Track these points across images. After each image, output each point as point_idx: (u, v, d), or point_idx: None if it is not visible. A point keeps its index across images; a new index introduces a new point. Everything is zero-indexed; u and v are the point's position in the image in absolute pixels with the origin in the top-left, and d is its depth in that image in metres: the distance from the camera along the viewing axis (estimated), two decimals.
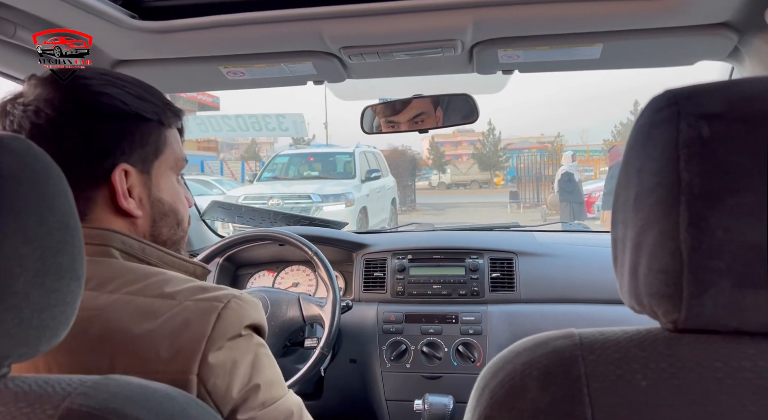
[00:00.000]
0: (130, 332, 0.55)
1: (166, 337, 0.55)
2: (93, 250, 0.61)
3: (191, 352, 0.55)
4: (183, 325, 0.56)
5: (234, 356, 0.58)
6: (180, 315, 0.56)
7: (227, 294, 0.60)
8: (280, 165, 9.82)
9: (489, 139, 32.62)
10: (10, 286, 0.39)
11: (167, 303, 0.57)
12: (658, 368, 0.39)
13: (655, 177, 0.40)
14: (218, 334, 0.56)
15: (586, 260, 1.60)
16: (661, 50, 1.13)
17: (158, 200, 0.69)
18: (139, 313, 0.56)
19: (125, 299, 0.57)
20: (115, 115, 0.64)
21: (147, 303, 0.57)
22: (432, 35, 1.05)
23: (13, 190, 0.40)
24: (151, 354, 0.54)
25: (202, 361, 0.55)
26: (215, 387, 0.56)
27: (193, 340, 0.55)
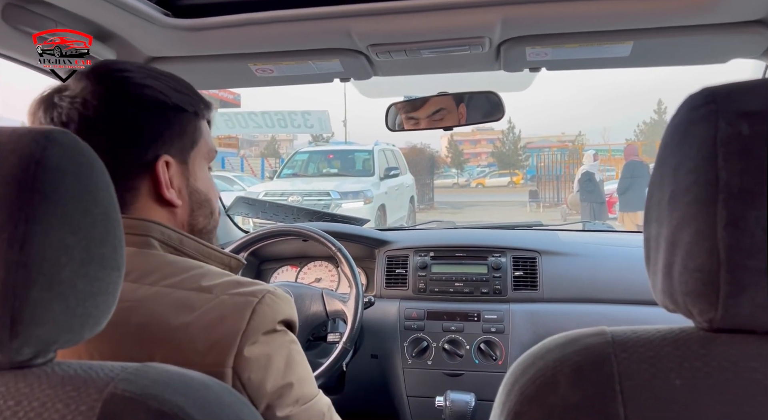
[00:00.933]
0: (168, 324, 0.56)
1: (202, 330, 0.56)
2: (133, 240, 0.62)
3: (227, 345, 0.56)
4: (219, 319, 0.57)
5: (268, 351, 0.59)
6: (216, 309, 0.57)
7: (262, 289, 0.61)
8: (299, 162, 9.89)
9: (509, 138, 32.34)
10: (58, 275, 0.41)
11: (204, 296, 0.58)
12: (693, 367, 0.39)
13: (692, 175, 0.40)
14: (253, 329, 0.57)
15: (611, 260, 1.58)
16: (693, 48, 1.11)
17: (195, 190, 0.71)
18: (177, 306, 0.57)
19: (164, 292, 0.58)
20: (157, 107, 0.66)
21: (184, 296, 0.58)
22: (460, 33, 1.05)
23: (60, 182, 0.41)
24: (188, 346, 0.56)
25: (238, 354, 0.56)
26: (250, 381, 0.57)
27: (228, 334, 0.56)
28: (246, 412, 0.48)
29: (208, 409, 0.43)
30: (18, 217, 0.39)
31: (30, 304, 0.39)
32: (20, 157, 0.40)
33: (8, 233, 0.38)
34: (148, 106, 0.65)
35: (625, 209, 7.35)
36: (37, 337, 0.40)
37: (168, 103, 0.66)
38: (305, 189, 8.26)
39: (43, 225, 0.40)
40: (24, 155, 0.40)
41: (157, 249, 0.64)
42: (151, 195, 0.66)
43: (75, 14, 0.93)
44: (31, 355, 0.42)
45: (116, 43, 1.07)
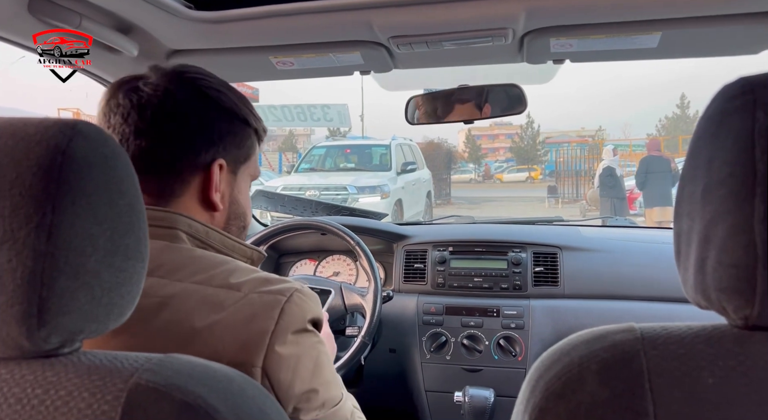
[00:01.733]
0: (197, 322, 0.56)
1: (231, 329, 0.56)
2: (161, 232, 0.63)
3: (256, 345, 0.56)
4: (248, 318, 0.57)
5: (297, 352, 0.59)
6: (245, 308, 0.57)
7: (289, 287, 0.61)
8: (317, 156, 9.92)
9: (527, 133, 32.03)
10: (83, 265, 0.41)
11: (233, 294, 0.58)
12: (727, 366, 0.38)
13: (727, 168, 0.38)
14: (282, 329, 0.58)
15: (634, 256, 1.56)
16: (724, 39, 1.08)
17: (236, 201, 0.73)
18: (206, 304, 0.57)
19: (193, 288, 0.59)
20: (228, 113, 0.69)
21: (213, 293, 0.58)
22: (483, 24, 1.03)
23: (86, 173, 0.41)
24: (217, 345, 0.56)
25: (267, 354, 0.56)
26: (279, 381, 0.57)
27: (257, 334, 0.56)
28: (268, 404, 0.48)
29: (231, 400, 0.43)
30: (45, 207, 0.39)
31: (57, 294, 0.39)
32: (47, 148, 0.40)
33: (36, 223, 0.39)
34: (221, 110, 0.68)
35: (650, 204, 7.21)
36: (64, 326, 0.41)
37: (238, 114, 0.70)
38: (322, 183, 8.29)
39: (70, 215, 0.40)
40: (50, 146, 0.40)
41: (185, 242, 0.65)
42: (197, 193, 0.68)
43: (99, 7, 0.94)
44: (58, 344, 0.42)
45: (139, 35, 1.08)
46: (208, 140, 0.67)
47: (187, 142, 0.66)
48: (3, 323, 0.39)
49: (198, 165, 0.67)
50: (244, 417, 0.43)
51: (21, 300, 0.39)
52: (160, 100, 0.65)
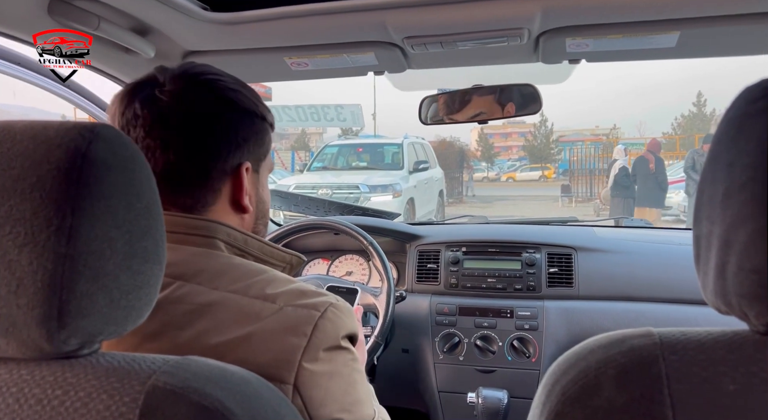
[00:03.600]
0: (231, 332, 0.55)
1: (264, 342, 0.55)
2: (199, 241, 0.63)
3: (287, 361, 0.55)
4: (281, 332, 0.56)
5: (330, 369, 0.58)
6: (279, 321, 0.56)
7: (324, 301, 0.60)
8: (329, 155, 9.92)
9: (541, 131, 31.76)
10: (102, 268, 0.41)
11: (268, 306, 0.57)
12: (749, 373, 0.38)
13: (749, 171, 0.38)
14: (314, 345, 0.56)
15: (651, 257, 1.54)
16: (744, 38, 1.06)
17: (262, 199, 0.72)
18: (241, 314, 0.56)
19: (228, 297, 0.58)
20: (247, 113, 0.67)
21: (249, 304, 0.57)
22: (498, 24, 1.02)
23: (105, 176, 0.42)
24: (248, 357, 0.54)
25: (299, 370, 0.55)
26: (311, 399, 0.56)
27: (289, 349, 0.55)
28: (284, 408, 0.48)
29: (248, 403, 0.43)
30: (65, 210, 0.39)
31: (77, 296, 0.40)
32: (67, 151, 0.41)
33: (56, 226, 0.39)
34: (241, 111, 0.66)
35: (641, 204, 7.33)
36: (84, 329, 0.41)
37: (256, 112, 0.68)
38: (335, 182, 8.29)
39: (89, 218, 0.40)
40: (70, 149, 0.41)
41: (223, 250, 0.64)
42: (228, 199, 0.67)
43: (117, 9, 0.95)
44: (77, 346, 0.42)
45: (156, 37, 1.09)
46: (234, 145, 0.65)
47: (214, 150, 0.64)
48: (24, 325, 0.40)
49: (226, 171, 0.66)
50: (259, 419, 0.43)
51: (42, 302, 0.39)
52: (183, 109, 0.63)
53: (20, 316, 0.39)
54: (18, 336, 0.40)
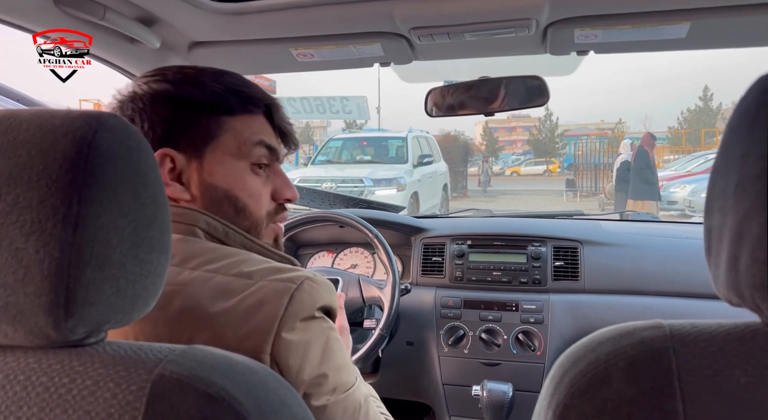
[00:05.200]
0: (208, 309, 0.57)
1: (241, 316, 0.56)
2: (179, 227, 0.63)
3: (264, 331, 0.56)
4: (257, 305, 0.57)
5: (306, 338, 0.59)
6: (255, 295, 0.57)
7: (301, 275, 0.60)
8: (333, 149, 9.92)
9: (545, 125, 31.66)
10: (109, 257, 0.41)
11: (244, 282, 0.58)
12: (761, 365, 0.37)
13: (763, 162, 0.37)
14: (291, 315, 0.57)
15: (657, 251, 1.53)
16: (756, 28, 1.04)
17: (210, 186, 0.68)
18: (217, 291, 0.57)
19: (205, 276, 0.59)
20: (164, 100, 0.66)
21: (225, 281, 0.58)
22: (506, 14, 1.01)
23: (110, 165, 0.42)
24: (227, 331, 0.56)
25: (275, 340, 0.56)
26: (288, 367, 0.57)
27: (266, 320, 0.56)
28: (290, 397, 0.48)
29: (253, 392, 0.43)
30: (72, 199, 0.39)
31: (83, 285, 0.40)
32: (73, 140, 0.40)
33: (63, 214, 0.39)
34: (157, 100, 0.66)
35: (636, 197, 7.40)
36: (90, 317, 0.41)
37: (176, 97, 0.66)
38: (339, 176, 8.29)
39: (95, 207, 0.40)
40: (76, 138, 0.41)
41: (201, 238, 0.64)
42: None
43: None
44: (84, 335, 0.42)
45: (162, 28, 1.08)
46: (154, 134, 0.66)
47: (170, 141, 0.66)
48: (31, 313, 0.40)
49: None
50: (265, 409, 0.43)
51: (48, 291, 0.39)
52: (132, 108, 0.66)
53: (27, 304, 0.39)
54: (25, 324, 0.40)
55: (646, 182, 7.27)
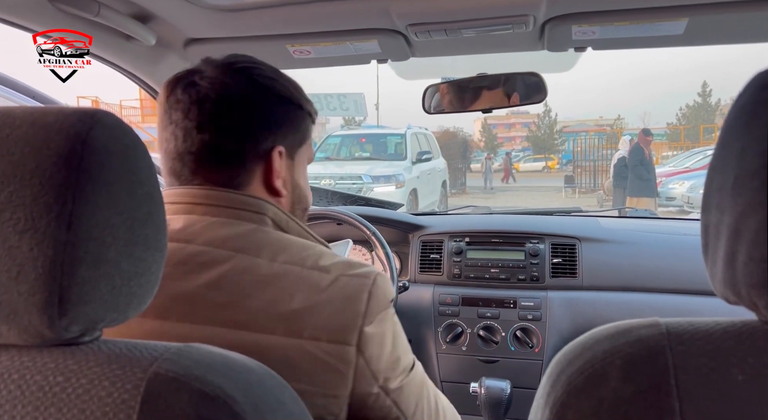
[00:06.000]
0: (297, 301, 0.61)
1: (328, 310, 0.61)
2: (250, 216, 0.67)
3: (349, 325, 0.61)
4: (342, 300, 0.62)
5: (382, 329, 0.64)
6: (338, 290, 0.62)
7: (372, 271, 0.66)
8: (332, 146, 9.90)
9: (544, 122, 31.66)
10: (104, 255, 0.41)
11: (324, 276, 0.63)
12: (758, 363, 0.37)
13: (761, 159, 0.37)
14: (371, 311, 0.63)
15: (655, 248, 1.53)
16: (753, 25, 1.04)
17: (298, 185, 0.75)
18: (302, 284, 0.62)
19: (289, 269, 0.63)
20: (282, 100, 0.71)
21: (307, 275, 0.63)
22: (503, 11, 1.01)
23: (105, 162, 0.41)
24: (319, 322, 0.60)
25: (360, 334, 0.61)
26: (371, 357, 0.62)
27: (351, 316, 0.61)
28: (287, 395, 0.48)
29: (250, 391, 0.43)
30: (65, 197, 0.39)
31: (78, 283, 0.40)
32: (67, 137, 0.40)
33: (56, 212, 0.39)
34: (275, 97, 0.70)
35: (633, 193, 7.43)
36: (85, 315, 0.41)
37: (292, 99, 0.72)
38: (338, 173, 8.28)
39: (90, 204, 0.40)
40: (70, 135, 0.40)
41: (270, 227, 0.68)
42: (261, 181, 0.70)
43: None
44: (78, 333, 0.42)
45: (157, 24, 1.08)
46: (267, 128, 0.69)
47: (247, 131, 0.68)
48: (25, 312, 0.39)
49: (259, 153, 0.69)
50: (262, 407, 0.43)
51: (42, 289, 0.39)
52: (218, 93, 0.67)
53: (21, 302, 0.39)
54: (19, 322, 0.40)
55: (640, 178, 7.30)
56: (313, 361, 0.59)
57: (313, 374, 0.59)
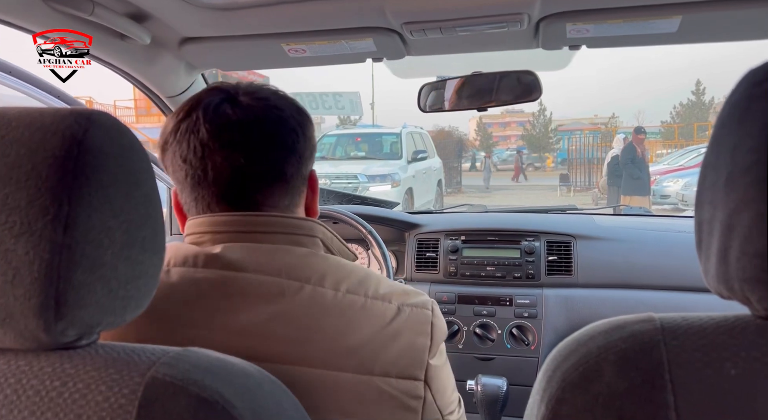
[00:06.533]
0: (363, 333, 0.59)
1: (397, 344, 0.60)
2: (307, 241, 0.65)
3: (419, 360, 0.60)
4: (410, 334, 0.61)
5: (443, 361, 0.65)
6: (404, 323, 0.61)
7: (427, 300, 0.66)
8: (327, 145, 9.89)
9: (539, 120, 31.70)
10: (100, 258, 0.41)
11: (387, 306, 0.62)
12: (750, 357, 0.37)
13: (753, 155, 0.37)
14: (435, 343, 0.63)
15: (650, 245, 1.54)
16: (746, 22, 1.05)
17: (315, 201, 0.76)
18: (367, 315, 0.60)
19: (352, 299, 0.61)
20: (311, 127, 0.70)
21: (370, 305, 0.61)
22: (498, 9, 1.01)
23: (102, 164, 0.41)
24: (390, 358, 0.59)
25: (427, 367, 0.61)
26: (437, 389, 0.62)
27: (419, 350, 0.61)
28: (285, 400, 0.47)
29: (248, 396, 0.43)
30: (61, 199, 0.39)
31: (74, 286, 0.39)
32: (63, 139, 0.40)
33: (53, 215, 0.39)
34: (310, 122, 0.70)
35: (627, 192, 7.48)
36: (81, 319, 0.41)
37: (312, 125, 0.71)
38: (333, 172, 8.28)
39: (86, 207, 0.40)
40: (66, 136, 0.40)
41: (321, 248, 0.67)
42: (303, 202, 0.71)
43: None
44: (75, 337, 0.42)
45: (152, 23, 1.07)
46: (310, 152, 0.69)
47: (299, 154, 0.67)
48: (21, 316, 0.39)
49: (304, 176, 0.69)
50: (260, 412, 0.43)
51: (38, 293, 0.38)
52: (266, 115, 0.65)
53: (17, 306, 0.39)
54: (15, 327, 0.40)
55: (632, 177, 7.35)
56: (385, 399, 0.57)
57: (384, 411, 0.58)
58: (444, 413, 0.64)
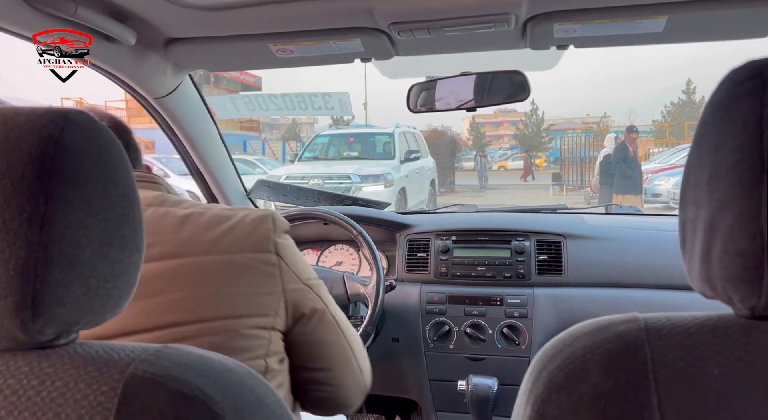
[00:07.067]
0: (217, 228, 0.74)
1: (245, 229, 0.75)
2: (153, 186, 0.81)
3: (266, 237, 0.75)
4: (253, 222, 0.76)
5: (290, 243, 0.80)
6: (248, 217, 0.76)
7: (267, 210, 0.80)
8: (320, 145, 9.88)
9: (532, 120, 31.84)
10: (78, 256, 0.40)
11: (231, 214, 0.77)
12: (733, 356, 0.38)
13: (735, 154, 0.37)
14: (278, 228, 0.77)
15: (639, 244, 1.55)
16: (731, 22, 1.06)
17: None
18: (216, 218, 0.75)
19: (202, 209, 0.77)
20: None
21: (218, 212, 0.77)
22: (485, 9, 1.01)
23: (78, 162, 0.41)
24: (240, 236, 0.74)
25: (275, 243, 0.76)
26: (288, 260, 0.77)
27: (264, 230, 0.76)
28: (268, 394, 0.47)
29: (229, 391, 0.43)
30: (38, 198, 0.38)
31: (51, 285, 0.39)
32: (39, 138, 0.39)
33: (28, 213, 0.38)
34: None
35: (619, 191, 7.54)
36: (60, 318, 0.40)
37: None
38: (326, 172, 8.27)
39: (63, 205, 0.39)
40: (42, 136, 0.40)
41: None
42: None
43: None
44: (53, 336, 0.42)
45: (137, 23, 1.06)
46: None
47: None
48: None
49: None
50: (241, 407, 0.43)
51: (15, 291, 0.38)
52: None
53: None
54: None
55: (623, 176, 7.39)
56: (246, 269, 0.72)
57: (248, 278, 0.72)
58: (302, 277, 0.78)
